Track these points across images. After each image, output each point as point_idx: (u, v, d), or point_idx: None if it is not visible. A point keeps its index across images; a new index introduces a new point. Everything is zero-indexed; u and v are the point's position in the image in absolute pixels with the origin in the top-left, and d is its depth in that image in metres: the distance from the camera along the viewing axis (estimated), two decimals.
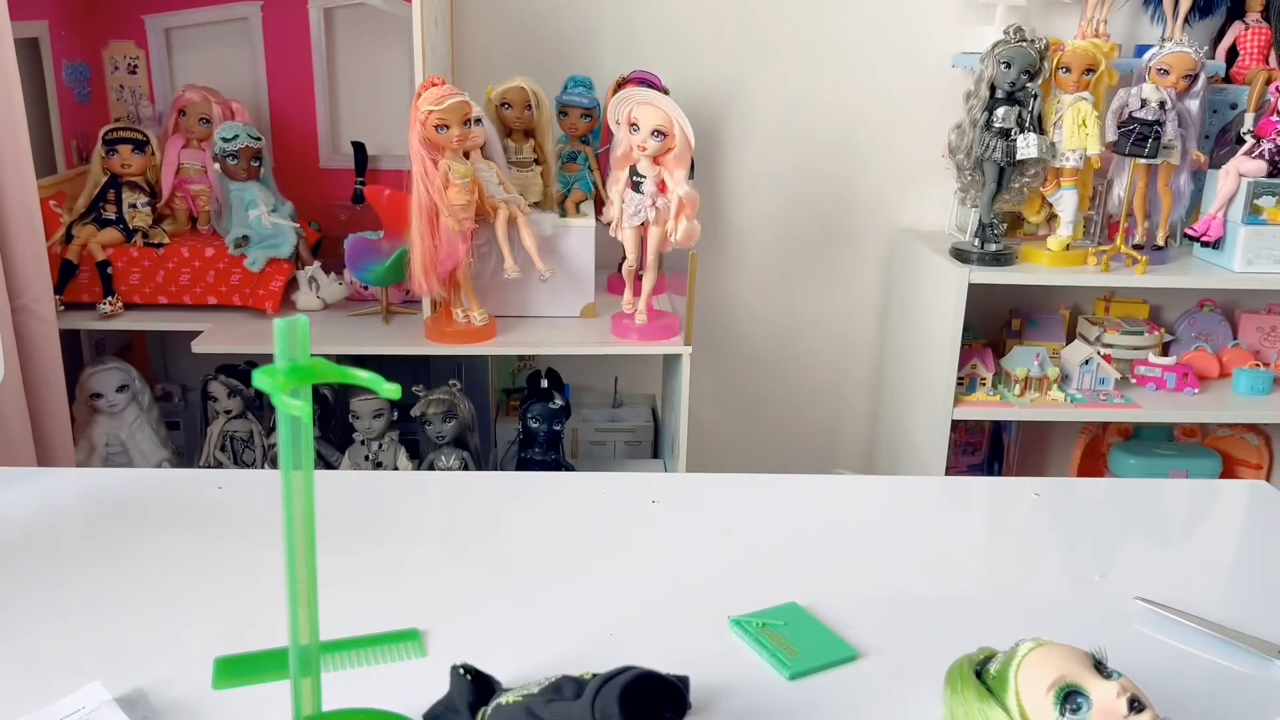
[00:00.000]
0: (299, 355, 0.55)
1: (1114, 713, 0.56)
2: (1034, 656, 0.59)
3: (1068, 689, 0.56)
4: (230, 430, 1.85)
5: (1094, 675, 0.57)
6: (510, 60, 2.05)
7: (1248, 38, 2.06)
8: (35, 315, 1.60)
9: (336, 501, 0.97)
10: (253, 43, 2.00)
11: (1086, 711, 0.56)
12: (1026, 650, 0.60)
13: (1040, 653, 0.59)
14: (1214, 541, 1.00)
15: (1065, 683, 0.57)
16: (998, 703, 0.59)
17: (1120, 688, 0.56)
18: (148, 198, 1.86)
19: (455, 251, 1.64)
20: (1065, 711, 0.56)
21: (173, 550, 0.89)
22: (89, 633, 0.77)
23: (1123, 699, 0.55)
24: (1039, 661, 0.58)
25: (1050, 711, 0.56)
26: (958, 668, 0.63)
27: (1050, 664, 0.58)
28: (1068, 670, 0.57)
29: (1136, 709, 0.56)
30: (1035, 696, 0.57)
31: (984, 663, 0.62)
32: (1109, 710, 0.56)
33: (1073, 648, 0.59)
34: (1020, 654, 0.60)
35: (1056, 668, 0.57)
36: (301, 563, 0.58)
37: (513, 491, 1.05)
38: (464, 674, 0.65)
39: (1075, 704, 0.56)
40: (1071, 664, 0.57)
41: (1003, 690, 0.59)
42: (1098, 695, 0.56)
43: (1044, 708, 0.57)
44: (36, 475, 1.07)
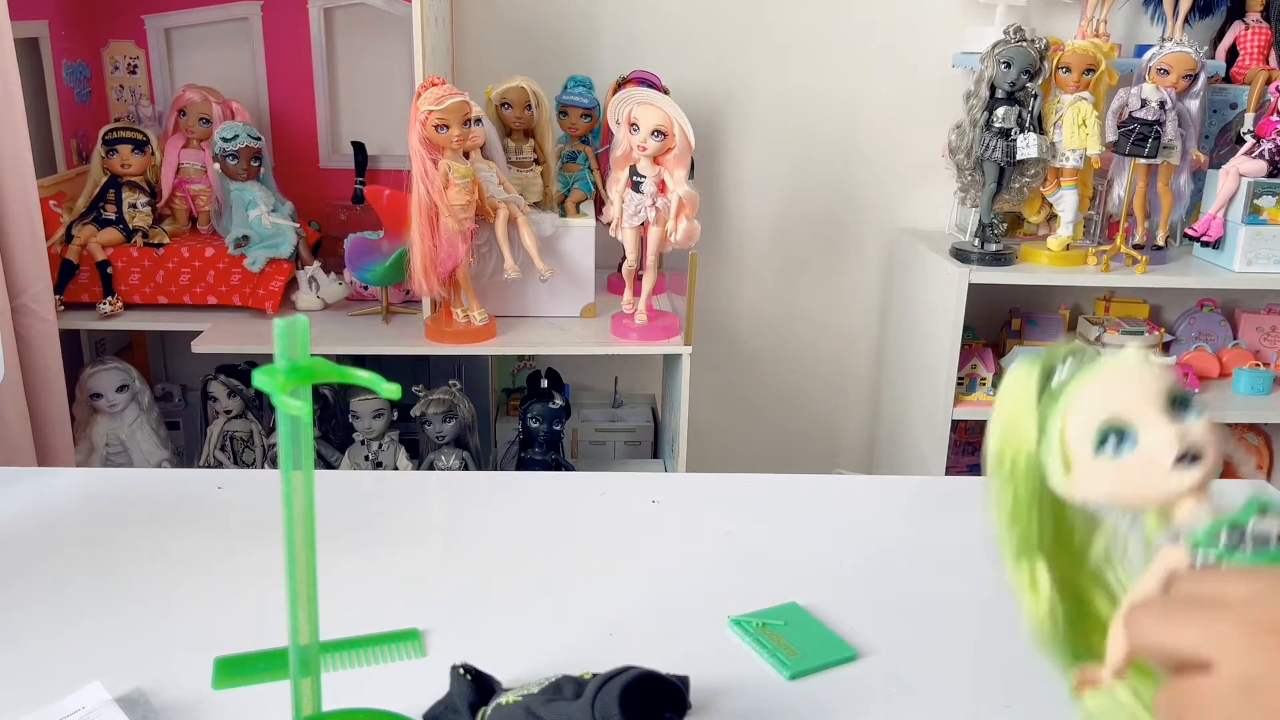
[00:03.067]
0: (299, 355, 0.55)
1: (1157, 464, 0.47)
2: (1102, 378, 0.50)
3: (1112, 429, 0.48)
4: (230, 430, 1.85)
5: (1157, 414, 0.47)
6: (510, 60, 2.05)
7: (1248, 37, 2.06)
8: (35, 315, 1.60)
9: (336, 501, 0.97)
10: (253, 42, 2.00)
11: (1128, 452, 0.48)
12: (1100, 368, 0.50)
13: (1111, 374, 0.50)
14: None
15: (1114, 423, 0.48)
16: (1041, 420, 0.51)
17: (1179, 434, 0.47)
18: (148, 198, 1.86)
19: (455, 251, 1.64)
20: (1101, 449, 0.48)
21: (173, 550, 0.89)
22: (88, 632, 0.77)
23: (1172, 451, 0.47)
24: (1103, 387, 0.49)
25: (1087, 448, 0.49)
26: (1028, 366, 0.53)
27: (1113, 394, 0.49)
28: (1129, 406, 0.48)
29: (1187, 461, 0.47)
30: (1080, 429, 0.49)
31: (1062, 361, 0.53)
32: (1152, 460, 0.47)
33: (1156, 372, 0.50)
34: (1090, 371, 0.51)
35: (1116, 401, 0.48)
36: (301, 562, 0.58)
37: (513, 491, 1.05)
38: (464, 674, 0.65)
39: (1120, 440, 0.48)
40: (1138, 397, 0.48)
41: (1052, 408, 0.51)
42: (1148, 440, 0.47)
43: (1084, 443, 0.49)
44: (36, 475, 1.07)
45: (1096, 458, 0.48)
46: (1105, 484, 0.49)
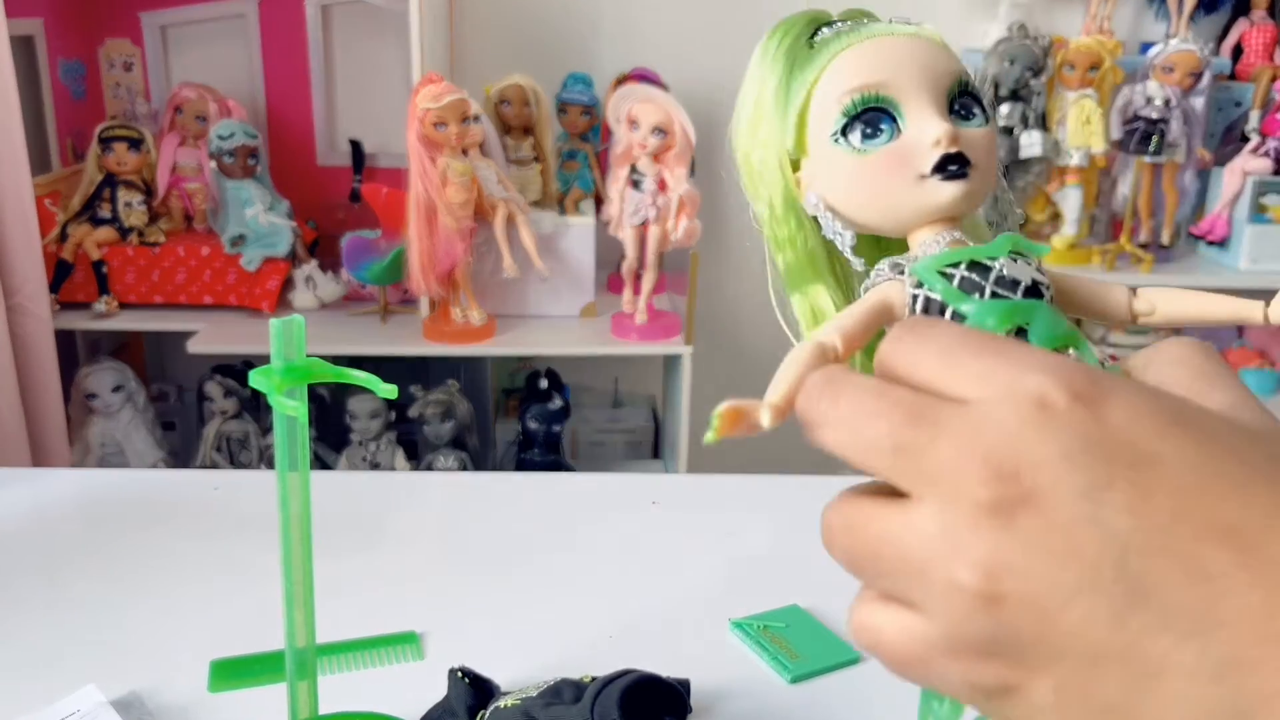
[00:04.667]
0: (295, 355, 0.54)
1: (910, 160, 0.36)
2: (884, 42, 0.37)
3: (868, 104, 0.36)
4: (226, 431, 1.84)
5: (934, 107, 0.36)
6: (509, 57, 2.04)
7: (1253, 35, 2.05)
8: (30, 315, 1.60)
9: (333, 503, 0.96)
10: (249, 40, 1.99)
11: (878, 143, 0.36)
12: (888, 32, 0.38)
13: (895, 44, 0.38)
14: None
15: (873, 95, 0.36)
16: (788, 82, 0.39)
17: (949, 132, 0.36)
18: (143, 196, 1.85)
19: (453, 250, 1.63)
20: (846, 131, 0.36)
21: (169, 551, 0.88)
22: (83, 635, 0.76)
23: (937, 150, 0.35)
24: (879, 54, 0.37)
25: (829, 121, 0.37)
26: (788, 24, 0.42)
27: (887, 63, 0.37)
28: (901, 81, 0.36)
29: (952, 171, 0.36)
30: (828, 97, 0.37)
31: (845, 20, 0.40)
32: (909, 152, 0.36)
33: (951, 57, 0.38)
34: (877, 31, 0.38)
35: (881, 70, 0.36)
36: (298, 564, 0.58)
37: (512, 493, 1.04)
38: (462, 677, 0.65)
39: (869, 127, 0.36)
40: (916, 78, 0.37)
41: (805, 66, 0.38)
42: (912, 129, 0.36)
43: (826, 115, 0.37)
44: (31, 475, 1.06)
45: (836, 144, 0.36)
46: (840, 179, 0.37)
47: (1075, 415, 0.25)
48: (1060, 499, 0.25)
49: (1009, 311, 0.32)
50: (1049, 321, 0.32)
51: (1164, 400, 0.27)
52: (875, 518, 0.28)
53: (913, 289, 0.34)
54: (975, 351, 0.27)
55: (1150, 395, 0.26)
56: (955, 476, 0.26)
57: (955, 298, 0.33)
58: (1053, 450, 0.25)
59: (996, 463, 0.25)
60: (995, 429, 0.25)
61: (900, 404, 0.27)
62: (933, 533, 0.26)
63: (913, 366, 0.28)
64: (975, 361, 0.27)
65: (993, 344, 0.28)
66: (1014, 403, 0.26)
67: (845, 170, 0.36)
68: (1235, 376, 0.30)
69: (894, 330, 0.30)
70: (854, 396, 0.28)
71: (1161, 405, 0.26)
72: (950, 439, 0.26)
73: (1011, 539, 0.25)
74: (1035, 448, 0.25)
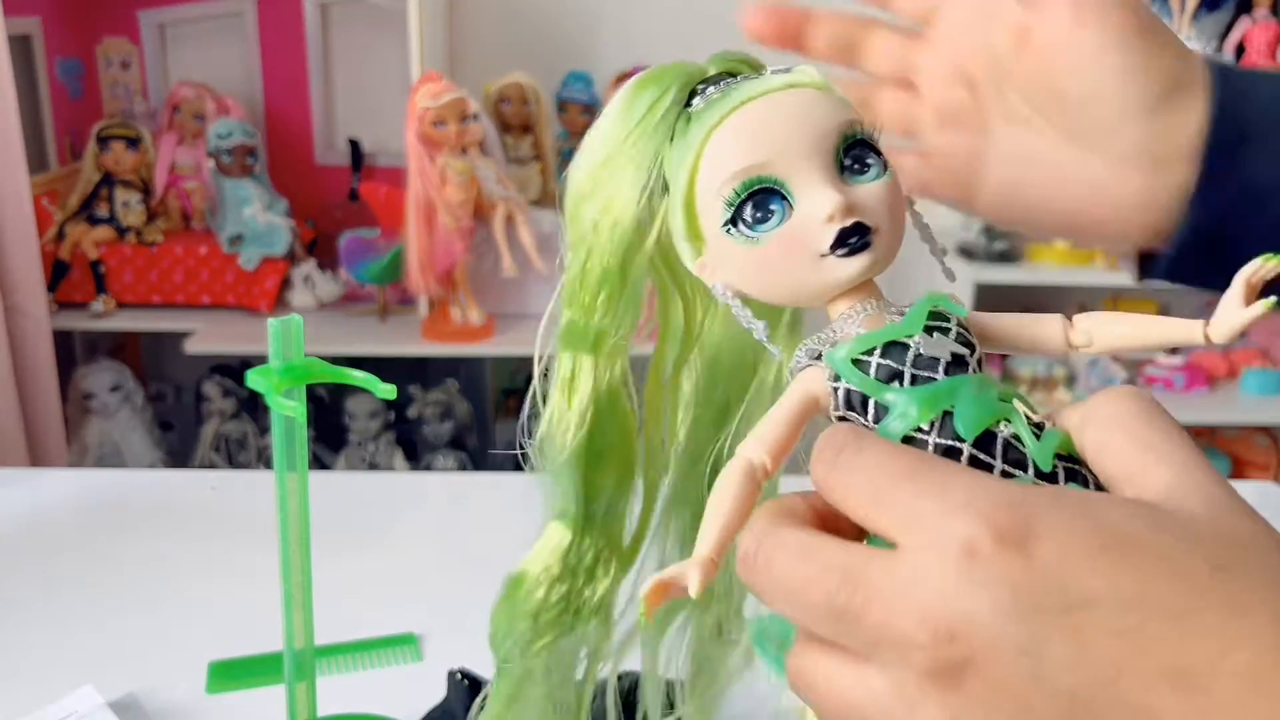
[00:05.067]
0: (293, 355, 0.54)
1: (806, 241, 0.33)
2: (758, 109, 0.34)
3: (759, 184, 0.33)
4: (224, 431, 1.84)
5: (823, 174, 0.33)
6: (508, 55, 2.04)
7: (1255, 33, 2.05)
8: (27, 314, 1.59)
9: (332, 503, 0.96)
10: (247, 39, 1.99)
11: (769, 227, 0.33)
12: (761, 92, 0.34)
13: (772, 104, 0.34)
14: None
15: (754, 178, 0.33)
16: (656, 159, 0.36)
17: (840, 208, 0.32)
18: (141, 195, 1.84)
19: (452, 249, 1.62)
20: (735, 221, 0.33)
21: (166, 552, 0.88)
22: (81, 635, 0.76)
23: (832, 226, 0.32)
24: (755, 122, 0.34)
25: (715, 212, 0.33)
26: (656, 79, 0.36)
27: (758, 136, 0.33)
28: (774, 153, 0.33)
29: (853, 245, 0.32)
30: (710, 188, 0.33)
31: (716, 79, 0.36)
32: (803, 232, 0.32)
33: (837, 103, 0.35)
34: (749, 94, 0.34)
35: (759, 146, 0.33)
36: (296, 565, 0.57)
37: (510, 493, 1.04)
38: (461, 679, 0.65)
39: (761, 211, 0.33)
40: (796, 144, 0.33)
41: (683, 149, 0.35)
42: (803, 206, 0.33)
43: (711, 206, 0.34)
44: (29, 475, 1.06)
45: (727, 234, 0.33)
46: (739, 268, 0.34)
47: (1003, 561, 0.25)
48: (1001, 658, 0.24)
49: (930, 399, 0.31)
50: (973, 402, 0.31)
51: (1093, 521, 0.25)
52: (832, 676, 0.28)
53: (831, 381, 0.32)
54: (901, 483, 0.27)
55: (1079, 519, 0.25)
56: (896, 641, 0.25)
57: (875, 389, 0.32)
58: (985, 605, 0.24)
59: (933, 625, 0.25)
60: (926, 586, 0.25)
61: (831, 569, 0.27)
62: (885, 692, 0.26)
63: (844, 500, 0.28)
64: (901, 498, 0.27)
65: (919, 472, 0.27)
66: (941, 553, 0.25)
67: (742, 260, 0.34)
68: (1176, 433, 0.28)
69: (823, 451, 0.29)
70: (786, 564, 0.28)
71: (1091, 530, 0.25)
72: (884, 603, 0.26)
73: (962, 700, 0.25)
74: (968, 603, 0.25)
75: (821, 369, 0.33)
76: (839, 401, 0.32)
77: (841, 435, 0.29)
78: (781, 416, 0.33)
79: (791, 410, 0.33)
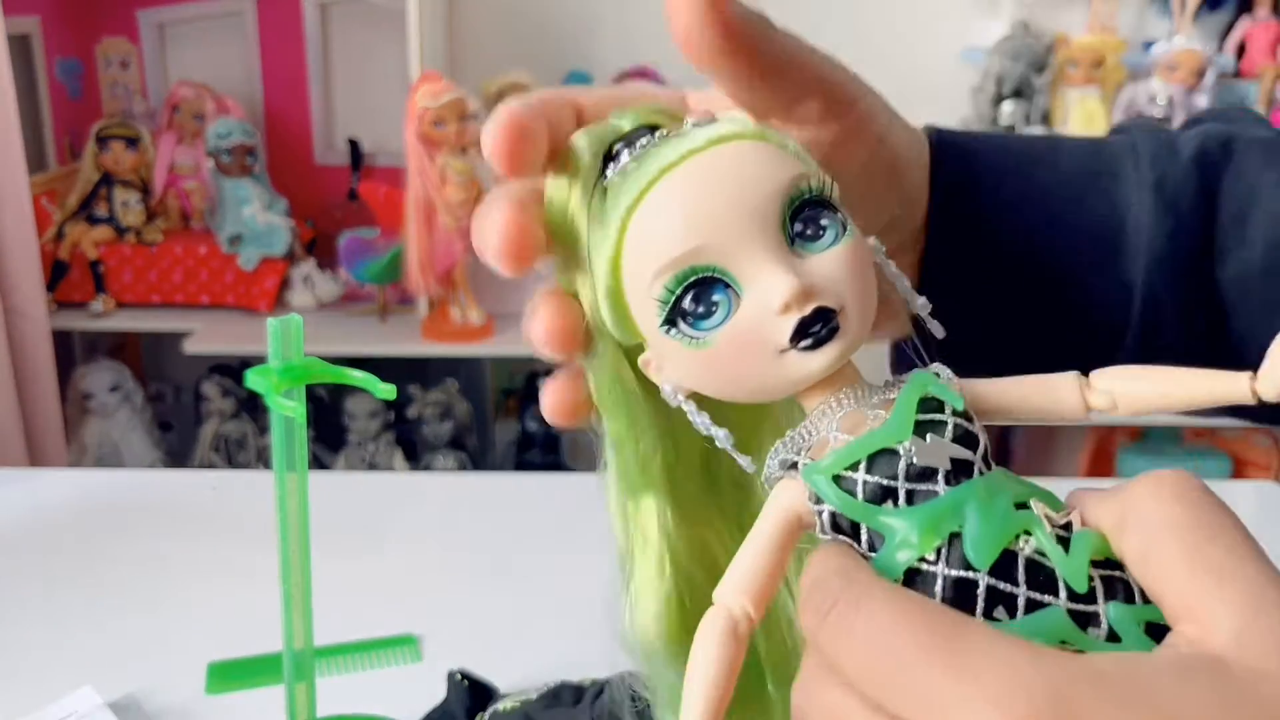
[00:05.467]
0: (293, 355, 0.54)
1: (761, 336, 0.27)
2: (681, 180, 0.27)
3: (694, 276, 0.27)
4: (224, 432, 1.84)
5: (769, 252, 0.27)
6: (508, 55, 2.04)
7: (1257, 33, 2.04)
8: (26, 314, 1.59)
9: (331, 503, 0.95)
10: (247, 38, 1.99)
11: (714, 324, 0.27)
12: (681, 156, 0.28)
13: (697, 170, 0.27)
14: None
15: (687, 269, 0.27)
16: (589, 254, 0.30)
17: (795, 294, 0.26)
18: (140, 195, 1.84)
19: (452, 249, 1.62)
20: (673, 321, 0.27)
21: (166, 552, 0.88)
22: (80, 636, 0.75)
23: (788, 317, 0.26)
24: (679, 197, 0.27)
25: (650, 312, 0.28)
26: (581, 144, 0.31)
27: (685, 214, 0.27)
28: (707, 235, 0.27)
29: (817, 335, 0.27)
30: (638, 284, 0.28)
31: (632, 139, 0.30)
32: (756, 327, 0.27)
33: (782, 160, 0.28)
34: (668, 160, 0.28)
35: (689, 228, 0.27)
36: (296, 566, 0.57)
37: (511, 493, 1.04)
38: (461, 680, 0.64)
39: (704, 305, 0.27)
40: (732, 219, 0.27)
41: (600, 237, 0.29)
42: (751, 294, 0.27)
43: (644, 305, 0.28)
44: (28, 475, 1.06)
45: (668, 335, 0.27)
46: (688, 371, 0.28)
47: None
48: None
49: (933, 523, 0.26)
50: (984, 518, 0.25)
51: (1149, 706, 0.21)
52: None
53: (813, 503, 0.27)
54: (914, 661, 0.23)
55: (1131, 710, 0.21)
56: None
57: (865, 514, 0.26)
58: None
59: None
60: None
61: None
62: None
63: (842, 665, 0.24)
64: (916, 682, 0.23)
65: (934, 645, 0.23)
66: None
67: (688, 361, 0.28)
68: (1240, 542, 0.24)
69: (811, 597, 0.25)
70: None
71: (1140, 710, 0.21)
72: None
73: None
74: None
75: (800, 483, 0.28)
76: (825, 525, 0.27)
77: (833, 585, 0.25)
78: (760, 549, 0.28)
79: (771, 539, 0.28)
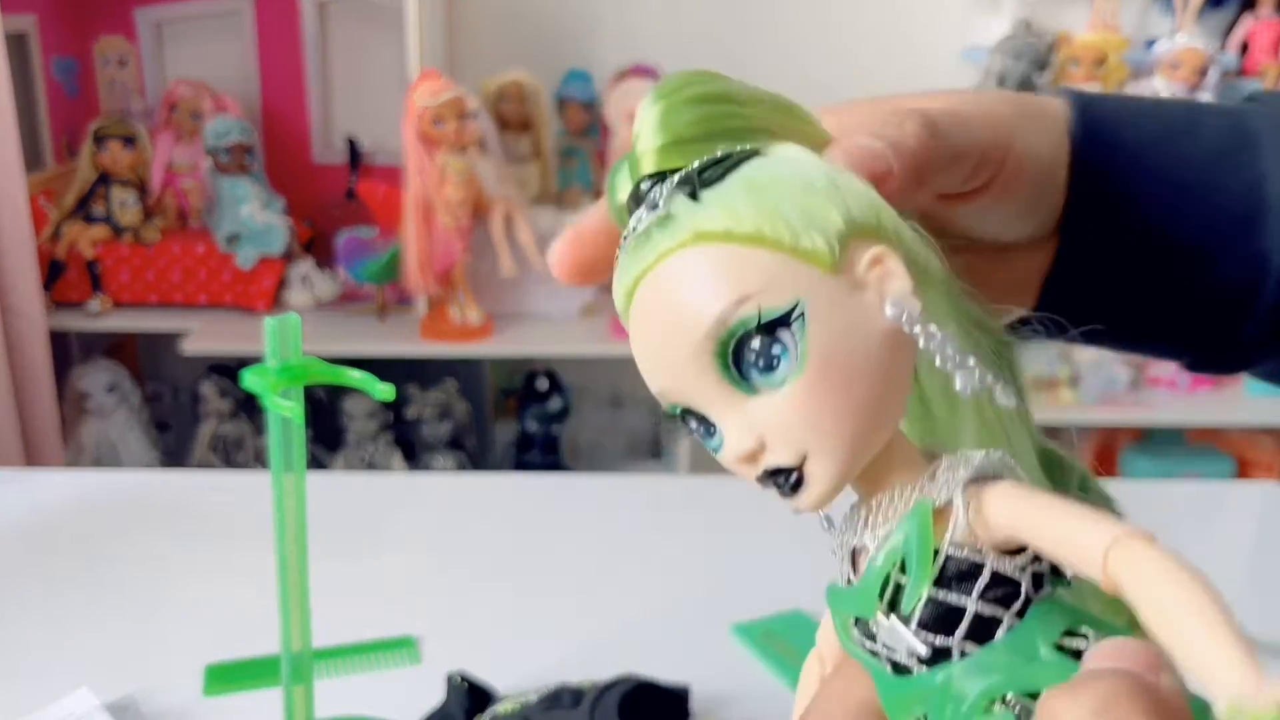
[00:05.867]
0: (290, 355, 0.53)
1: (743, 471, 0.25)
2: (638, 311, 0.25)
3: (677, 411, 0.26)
4: (221, 432, 1.83)
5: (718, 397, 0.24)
6: (507, 53, 2.03)
7: (1259, 31, 2.04)
8: (23, 314, 1.59)
9: (329, 504, 0.95)
10: (244, 36, 1.98)
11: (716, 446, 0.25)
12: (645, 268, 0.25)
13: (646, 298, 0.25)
14: (1227, 544, 0.99)
15: (671, 403, 0.25)
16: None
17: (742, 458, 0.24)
18: (138, 194, 1.83)
19: (451, 249, 1.62)
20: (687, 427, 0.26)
21: (163, 553, 0.87)
22: (77, 637, 0.75)
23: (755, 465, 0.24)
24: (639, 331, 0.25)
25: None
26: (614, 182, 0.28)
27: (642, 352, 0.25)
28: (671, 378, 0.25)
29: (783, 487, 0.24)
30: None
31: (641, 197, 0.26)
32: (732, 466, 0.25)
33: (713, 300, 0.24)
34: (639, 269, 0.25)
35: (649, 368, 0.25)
36: (293, 567, 0.56)
37: (510, 494, 1.03)
38: (460, 682, 0.64)
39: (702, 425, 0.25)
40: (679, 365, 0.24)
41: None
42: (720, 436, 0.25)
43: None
44: (24, 476, 1.06)
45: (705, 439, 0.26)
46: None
47: None
48: None
49: (902, 704, 0.24)
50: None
51: None
52: None
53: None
54: None
55: None
56: None
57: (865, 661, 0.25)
58: None
59: None
60: None
61: None
62: None
63: None
64: None
65: None
66: None
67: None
68: None
69: None
70: None
71: None
72: None
73: None
74: None
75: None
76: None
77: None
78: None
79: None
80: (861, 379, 0.24)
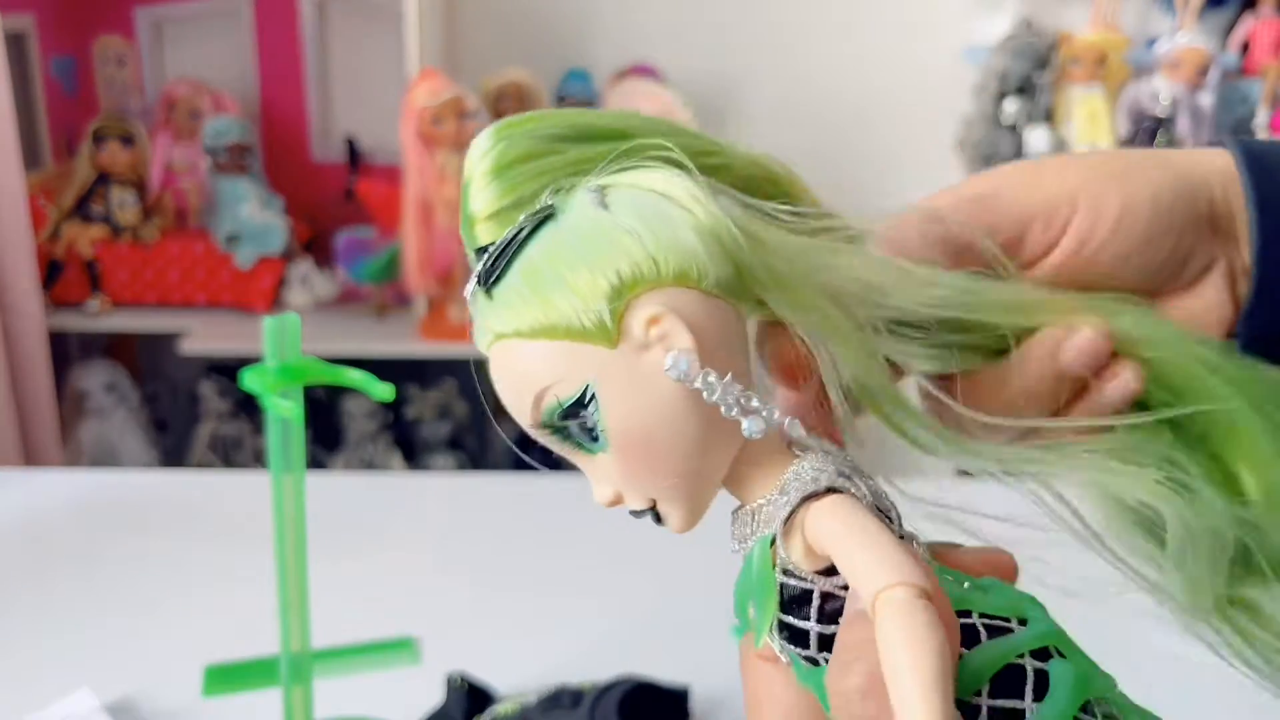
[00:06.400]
0: (289, 354, 0.53)
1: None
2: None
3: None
4: (220, 432, 1.83)
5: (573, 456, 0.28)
6: (507, 52, 2.03)
7: (1260, 30, 2.03)
8: (22, 314, 1.59)
9: (329, 505, 0.95)
10: (243, 35, 1.98)
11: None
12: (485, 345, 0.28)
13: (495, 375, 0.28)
14: None
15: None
16: None
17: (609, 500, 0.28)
18: (136, 193, 1.83)
19: (450, 248, 1.62)
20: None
21: (162, 553, 0.87)
22: (77, 638, 0.75)
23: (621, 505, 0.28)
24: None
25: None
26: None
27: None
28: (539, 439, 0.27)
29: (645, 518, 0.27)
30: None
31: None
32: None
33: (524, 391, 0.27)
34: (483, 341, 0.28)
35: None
36: (293, 568, 0.56)
37: (510, 494, 1.03)
38: (459, 683, 0.64)
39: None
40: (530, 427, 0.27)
41: None
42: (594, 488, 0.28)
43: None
44: (23, 476, 1.06)
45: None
46: None
47: None
48: None
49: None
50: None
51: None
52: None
53: None
54: None
55: None
56: None
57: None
58: None
59: None
60: None
61: None
62: None
63: None
64: None
65: None
66: None
67: None
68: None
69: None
70: None
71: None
72: None
73: None
74: None
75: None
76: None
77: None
78: None
79: None
80: (663, 434, 0.26)
